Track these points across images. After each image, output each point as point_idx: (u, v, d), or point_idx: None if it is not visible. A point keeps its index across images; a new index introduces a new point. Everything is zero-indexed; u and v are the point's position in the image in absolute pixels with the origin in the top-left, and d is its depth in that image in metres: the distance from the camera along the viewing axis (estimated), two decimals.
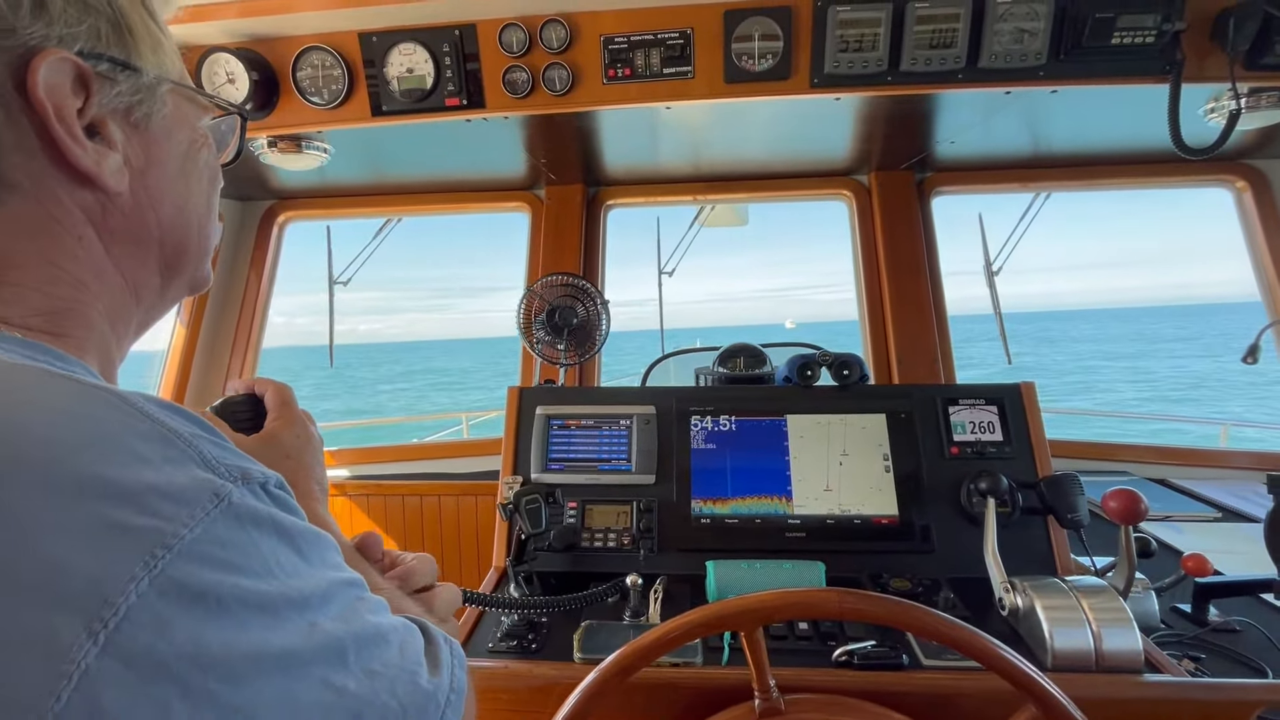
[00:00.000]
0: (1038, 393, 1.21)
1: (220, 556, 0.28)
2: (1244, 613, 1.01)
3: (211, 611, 0.27)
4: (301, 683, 0.29)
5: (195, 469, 0.30)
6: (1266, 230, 1.70)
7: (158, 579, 0.26)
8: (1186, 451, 1.83)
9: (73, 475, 0.26)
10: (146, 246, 0.42)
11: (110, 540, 0.26)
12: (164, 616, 0.26)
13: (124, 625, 0.24)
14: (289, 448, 0.61)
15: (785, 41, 1.19)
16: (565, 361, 1.37)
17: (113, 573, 0.25)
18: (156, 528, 0.27)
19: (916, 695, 0.81)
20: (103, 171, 0.37)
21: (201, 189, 0.46)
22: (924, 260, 1.84)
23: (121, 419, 0.29)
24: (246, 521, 0.30)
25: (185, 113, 0.44)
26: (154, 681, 0.25)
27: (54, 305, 0.38)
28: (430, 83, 1.26)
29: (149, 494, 0.27)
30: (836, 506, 1.14)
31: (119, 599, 0.25)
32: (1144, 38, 1.12)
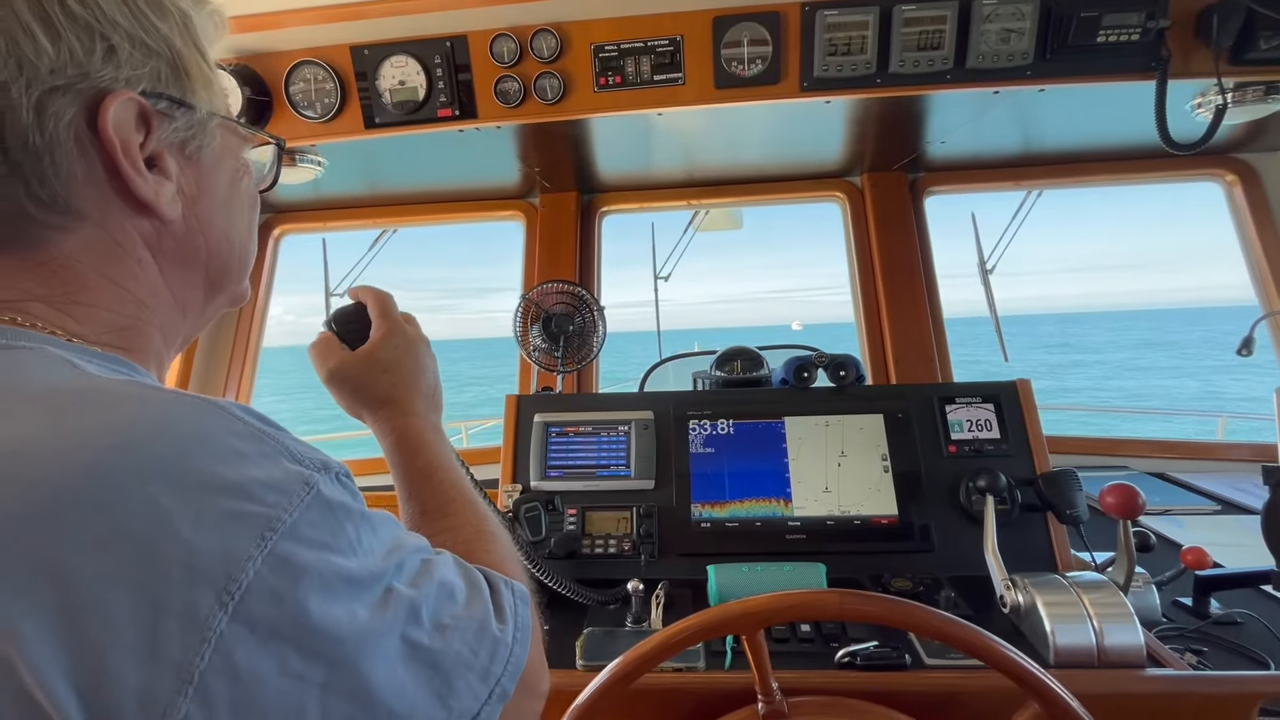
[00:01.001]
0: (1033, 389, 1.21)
1: (315, 536, 0.33)
2: (1245, 605, 1.02)
3: (313, 583, 0.32)
4: (386, 639, 0.34)
5: (286, 462, 0.34)
6: (1257, 223, 1.71)
7: (269, 557, 0.30)
8: (1184, 445, 1.83)
9: (195, 472, 0.30)
10: (195, 268, 0.46)
11: (230, 526, 0.30)
12: (276, 588, 0.30)
13: (246, 597, 0.29)
14: (387, 361, 0.63)
15: (774, 46, 1.20)
16: (562, 369, 1.37)
17: (234, 553, 0.30)
18: (264, 514, 0.31)
19: (920, 695, 0.81)
20: (160, 201, 0.41)
21: (244, 214, 0.50)
22: (918, 260, 1.85)
23: (221, 423, 0.33)
24: (334, 506, 0.35)
25: (230, 145, 0.47)
26: (273, 640, 0.30)
27: (121, 323, 0.42)
28: (422, 94, 1.26)
29: (254, 485, 0.32)
30: (836, 507, 1.14)
31: (241, 575, 0.29)
32: (1129, 35, 1.13)
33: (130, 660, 0.27)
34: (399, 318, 0.66)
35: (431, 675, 0.37)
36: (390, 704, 0.34)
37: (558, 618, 1.03)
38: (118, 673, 0.27)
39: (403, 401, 0.63)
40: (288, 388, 30.95)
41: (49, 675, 0.26)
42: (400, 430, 0.62)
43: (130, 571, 0.28)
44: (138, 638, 0.27)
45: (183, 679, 0.28)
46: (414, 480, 0.59)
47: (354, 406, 0.65)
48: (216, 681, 0.28)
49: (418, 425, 0.62)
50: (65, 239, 0.39)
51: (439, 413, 0.68)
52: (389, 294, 0.67)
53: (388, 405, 0.63)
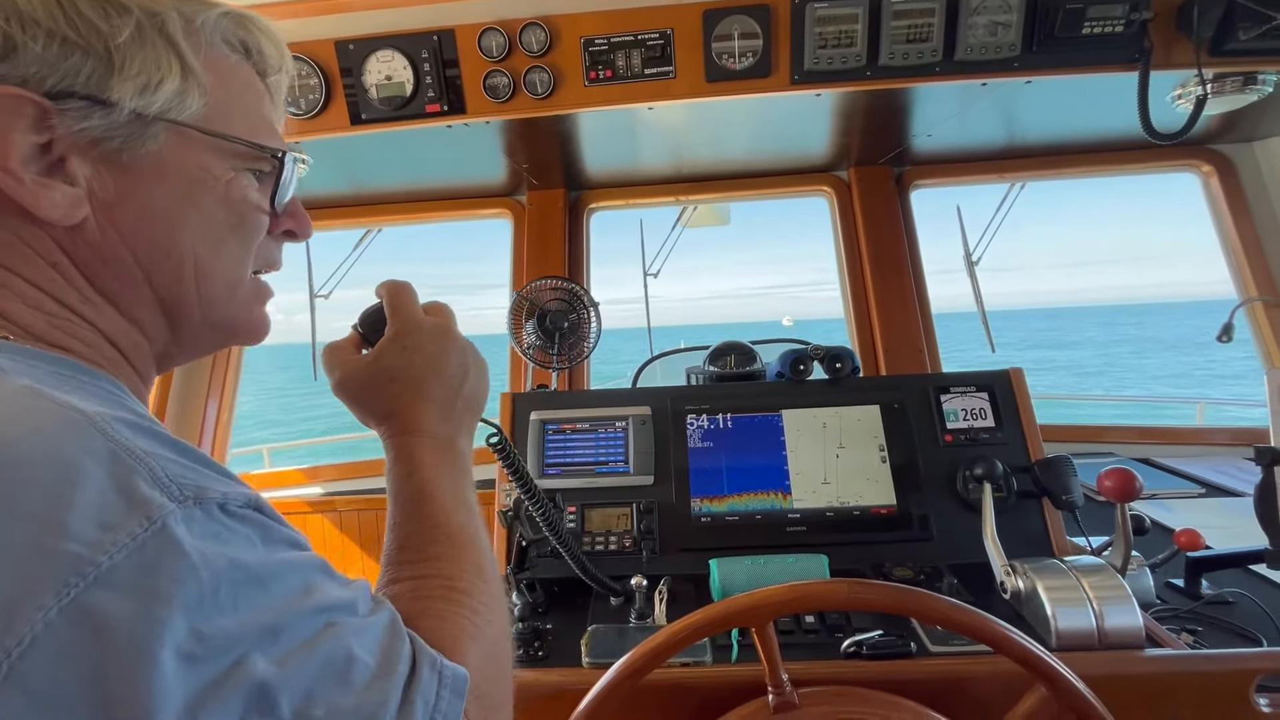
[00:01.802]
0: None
1: (141, 584, 0.26)
2: (1235, 584, 1.04)
3: (123, 645, 0.25)
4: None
5: (143, 487, 0.28)
6: (1233, 213, 1.75)
7: (68, 608, 0.25)
8: (1167, 430, 1.87)
9: (17, 493, 0.26)
10: (131, 284, 0.42)
11: (30, 564, 0.25)
12: (70, 648, 0.25)
13: (29, 653, 0.24)
14: (392, 368, 0.54)
15: (765, 39, 1.20)
16: (557, 365, 1.36)
17: (24, 598, 0.24)
18: (76, 554, 0.25)
19: (926, 682, 0.82)
20: (40, 204, 0.37)
21: (207, 233, 0.44)
22: (905, 253, 1.86)
23: (79, 439, 0.29)
24: (185, 547, 0.28)
25: (192, 153, 0.42)
26: (54, 714, 0.24)
27: (48, 322, 0.39)
28: (410, 89, 1.24)
29: (77, 517, 0.26)
30: (835, 499, 1.15)
31: (24, 627, 0.24)
32: (1113, 27, 1.14)
33: None
34: (413, 313, 0.56)
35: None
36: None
37: (560, 616, 1.02)
38: None
39: (405, 415, 0.54)
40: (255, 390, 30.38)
41: None
42: (397, 449, 0.53)
43: None
44: None
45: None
46: (400, 509, 0.51)
47: (362, 417, 0.57)
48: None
49: (418, 445, 0.53)
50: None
51: (470, 419, 0.58)
52: (406, 284, 0.58)
53: (390, 419, 0.54)
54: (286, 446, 7.86)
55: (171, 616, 0.26)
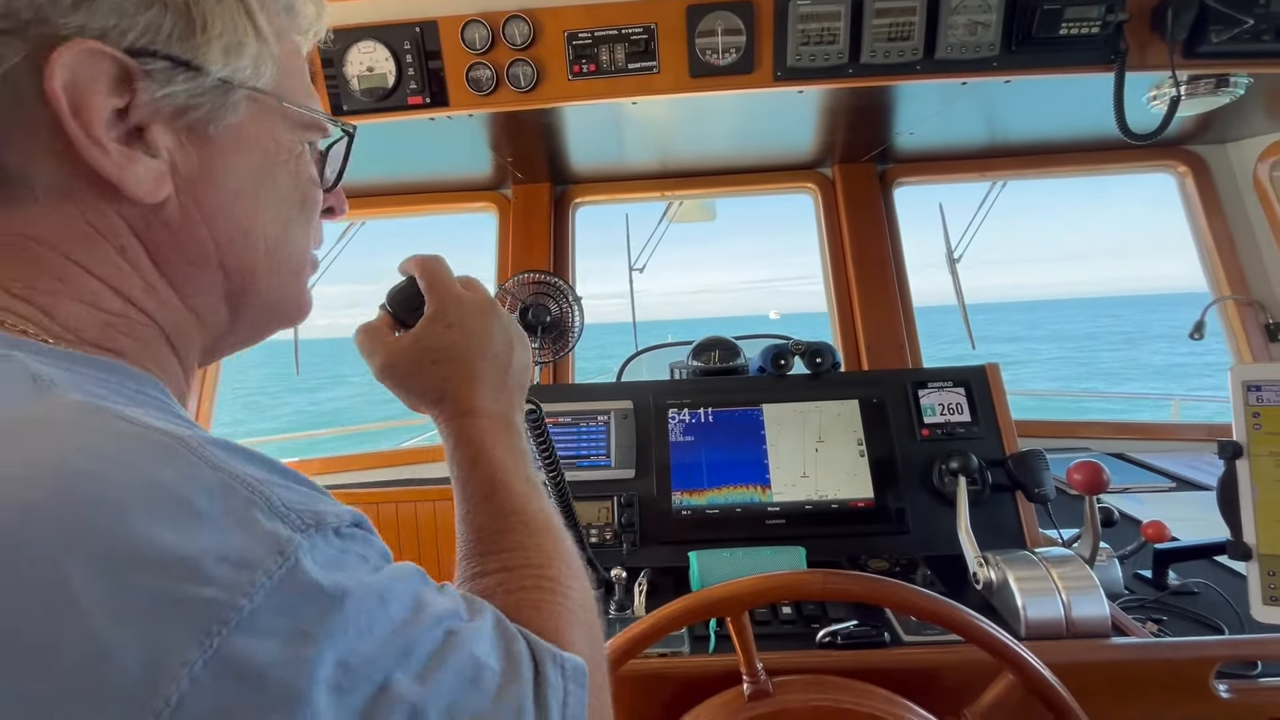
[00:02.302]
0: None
1: (285, 626, 0.24)
2: (1200, 575, 1.06)
3: (275, 693, 0.23)
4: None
5: (262, 519, 0.26)
6: (1207, 212, 1.78)
7: (214, 661, 0.22)
8: (1142, 426, 1.91)
9: (129, 541, 0.22)
10: (204, 267, 0.38)
11: (163, 618, 0.22)
12: (223, 704, 0.22)
13: (176, 716, 0.21)
14: (436, 348, 0.52)
15: (748, 35, 1.21)
16: (540, 360, 1.36)
17: (164, 657, 0.22)
18: (213, 600, 0.23)
19: (899, 670, 0.83)
20: (126, 178, 0.33)
21: (278, 210, 0.41)
22: (888, 250, 1.88)
23: (182, 468, 0.25)
24: (317, 581, 0.26)
25: (269, 125, 0.40)
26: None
27: (106, 320, 0.35)
28: (392, 81, 1.24)
29: (207, 559, 0.24)
30: (814, 492, 1.16)
31: (171, 688, 0.21)
32: (1090, 28, 1.16)
33: None
34: (452, 287, 0.54)
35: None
36: None
37: None
38: None
39: (458, 396, 0.52)
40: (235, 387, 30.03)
41: None
42: (456, 435, 0.51)
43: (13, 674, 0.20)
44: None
45: None
46: (470, 499, 0.48)
47: (412, 402, 0.54)
48: None
49: (477, 427, 0.51)
50: (15, 212, 0.32)
51: (519, 395, 0.56)
52: (440, 258, 0.55)
53: (442, 402, 0.52)
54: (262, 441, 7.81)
55: (320, 654, 0.25)
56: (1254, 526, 0.82)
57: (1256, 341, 1.73)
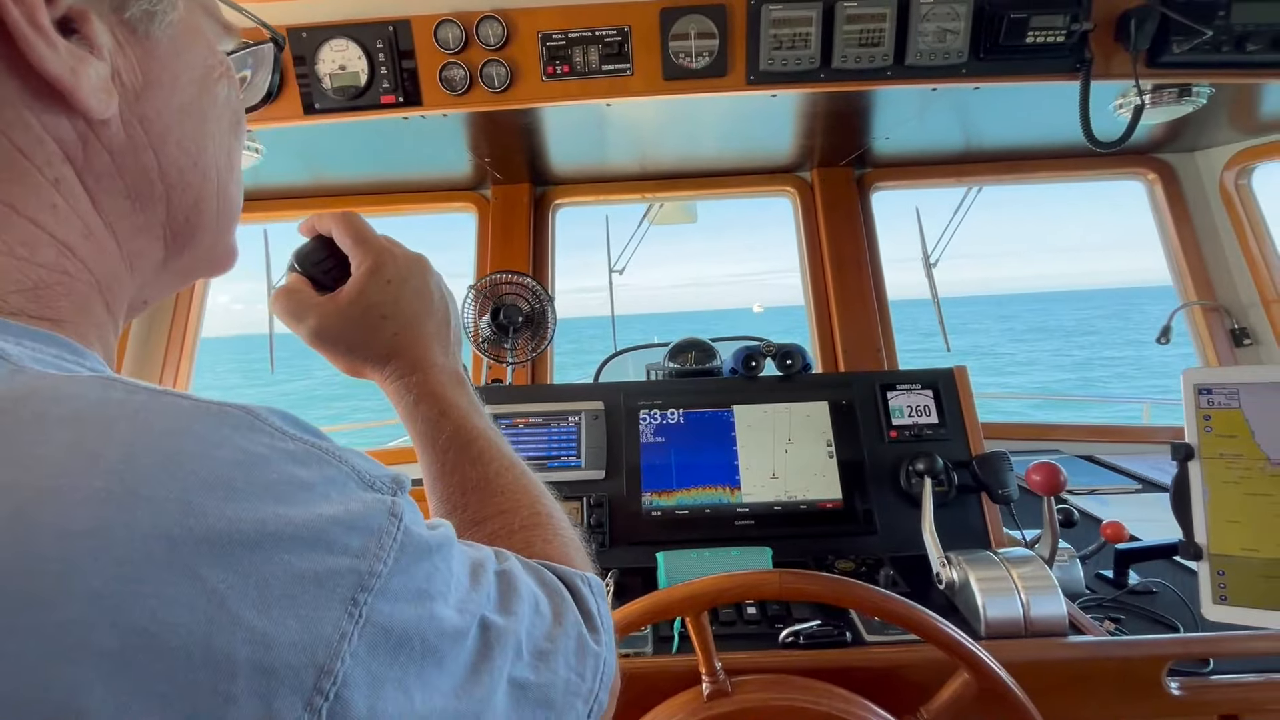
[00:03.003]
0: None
1: (412, 585, 0.25)
2: (1159, 574, 1.08)
3: (417, 650, 0.24)
4: (496, 693, 0.28)
5: (357, 489, 0.25)
6: (1175, 219, 1.82)
7: (365, 630, 0.22)
8: (1112, 429, 1.94)
9: (248, 522, 0.20)
10: (147, 202, 0.31)
11: (309, 596, 0.21)
12: (377, 671, 0.22)
13: (344, 692, 0.21)
14: (381, 303, 0.49)
15: (721, 39, 1.22)
16: (512, 360, 1.36)
17: (321, 634, 0.21)
18: (351, 568, 0.22)
19: (860, 670, 0.84)
20: (80, 83, 0.26)
21: (221, 133, 0.35)
22: (865, 254, 1.90)
23: (265, 440, 0.23)
24: (424, 538, 0.26)
25: (199, 27, 0.33)
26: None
27: (36, 277, 0.27)
28: (364, 80, 1.23)
29: (333, 529, 0.23)
30: (783, 493, 1.17)
31: (335, 664, 0.21)
32: (1055, 37, 1.18)
33: None
34: (381, 242, 0.51)
35: (547, 714, 0.31)
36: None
37: None
38: None
39: (411, 351, 0.50)
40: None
41: None
42: (417, 390, 0.49)
43: (173, 695, 0.18)
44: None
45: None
46: (445, 452, 0.47)
47: (352, 365, 0.51)
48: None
49: (437, 380, 0.49)
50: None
51: (458, 349, 0.54)
52: (354, 213, 0.52)
53: (394, 359, 0.50)
54: None
55: (439, 608, 0.26)
56: (1205, 527, 0.84)
57: (1222, 346, 1.76)
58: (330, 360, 0.52)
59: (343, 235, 0.51)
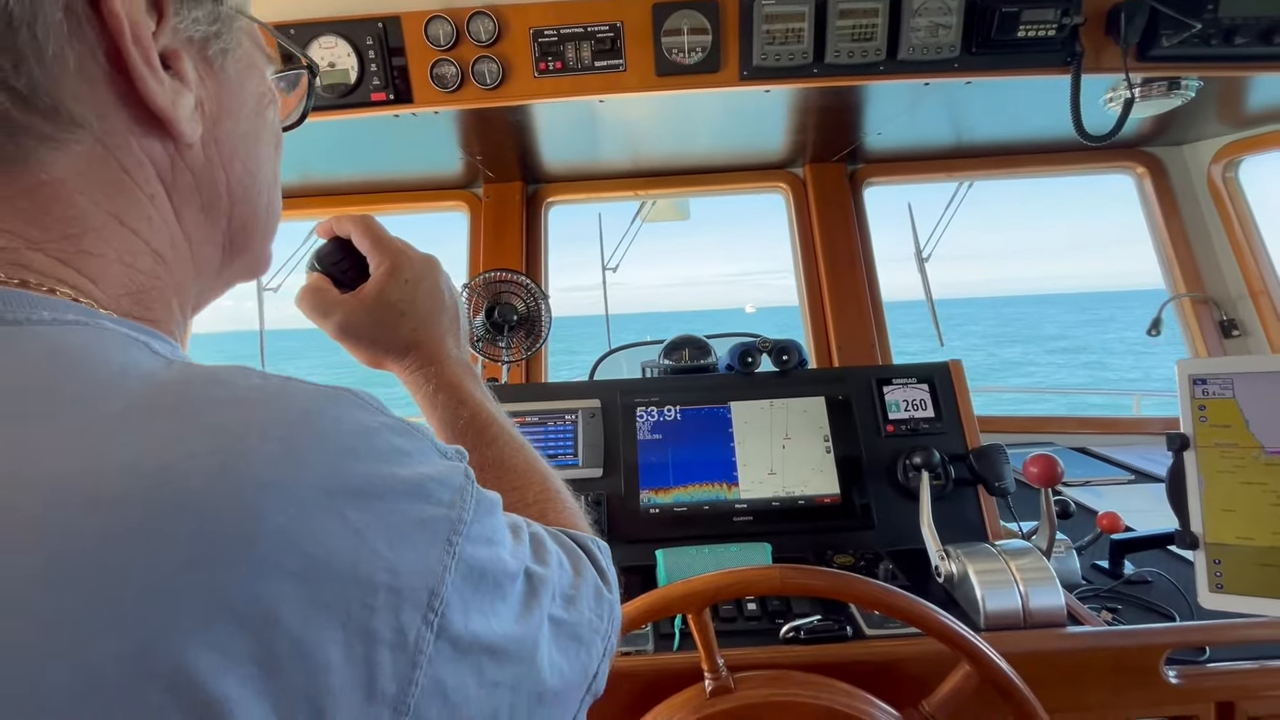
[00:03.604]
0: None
1: (484, 533, 0.30)
2: (1155, 564, 1.09)
3: (490, 585, 0.30)
4: (543, 625, 0.34)
5: (438, 456, 0.30)
6: (1164, 212, 1.83)
7: (458, 564, 0.28)
8: (1104, 420, 1.95)
9: (374, 477, 0.26)
10: (215, 216, 0.36)
11: (421, 535, 0.27)
12: (467, 597, 0.28)
13: (447, 612, 0.27)
14: (400, 301, 0.54)
15: (714, 35, 1.21)
16: (508, 359, 1.36)
17: (431, 565, 0.27)
18: (446, 516, 0.28)
19: (861, 663, 0.84)
20: (178, 112, 0.31)
21: (270, 153, 0.40)
22: (858, 249, 1.90)
23: (371, 417, 0.29)
24: (485, 497, 0.32)
25: (255, 59, 0.37)
26: (471, 652, 0.28)
27: (139, 282, 0.32)
28: (354, 77, 1.22)
29: (430, 484, 0.28)
30: (781, 489, 1.17)
31: (442, 588, 0.27)
32: (1046, 31, 1.19)
33: (348, 706, 0.23)
34: (397, 244, 0.56)
35: (576, 647, 0.37)
36: (552, 683, 0.34)
37: None
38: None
39: (429, 345, 0.55)
40: None
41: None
42: (435, 380, 0.55)
43: (336, 604, 0.23)
44: (352, 679, 0.23)
45: (399, 712, 0.25)
46: (463, 436, 0.52)
47: (374, 357, 0.57)
48: (429, 707, 0.26)
49: (452, 371, 0.55)
50: (56, 156, 0.28)
51: (467, 344, 0.62)
52: (371, 216, 0.57)
53: (412, 352, 0.56)
54: None
55: (504, 554, 0.32)
56: (1201, 516, 0.85)
57: (1211, 338, 1.78)
58: (352, 353, 0.57)
59: (361, 238, 0.56)
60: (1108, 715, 0.85)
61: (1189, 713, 0.85)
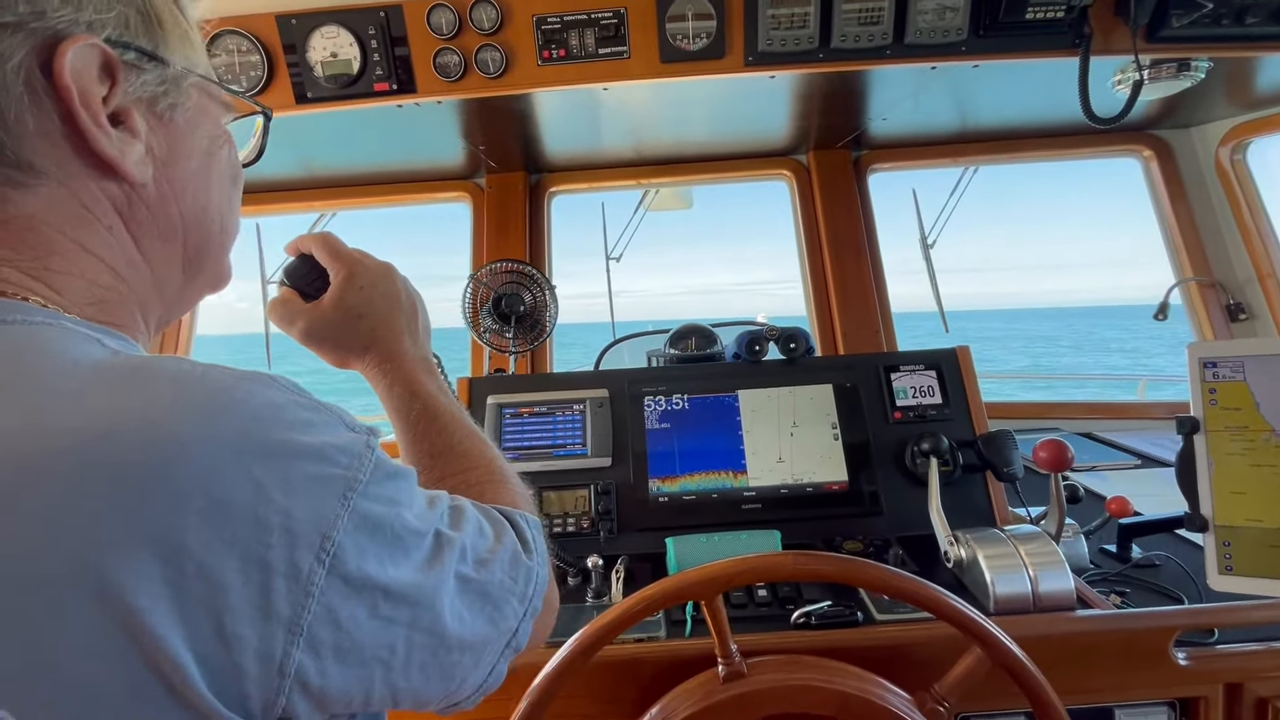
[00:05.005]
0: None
1: (382, 493, 0.36)
2: (1162, 548, 1.10)
3: (387, 535, 0.35)
4: (448, 577, 0.39)
5: (344, 430, 0.36)
6: (1171, 196, 1.82)
7: (352, 515, 0.33)
8: (1109, 406, 1.95)
9: (277, 442, 0.32)
10: (172, 241, 0.43)
11: (317, 489, 0.32)
12: (361, 543, 0.34)
13: (339, 553, 0.32)
14: (358, 306, 0.60)
15: (718, 20, 1.20)
16: (515, 349, 1.36)
17: (324, 514, 0.32)
18: (342, 475, 0.34)
19: (872, 648, 0.85)
20: (125, 160, 0.38)
21: (223, 187, 0.47)
22: (863, 236, 1.89)
23: (283, 394, 0.35)
24: (388, 465, 0.37)
25: (208, 108, 0.45)
26: (365, 589, 0.34)
27: (100, 295, 0.40)
28: (357, 67, 1.21)
29: (330, 450, 0.34)
30: (789, 476, 1.17)
31: (333, 533, 0.32)
32: (1055, 13, 1.17)
33: (245, 621, 0.29)
34: (353, 255, 0.62)
35: (484, 603, 0.42)
36: (456, 631, 0.39)
37: None
38: (235, 634, 0.29)
39: (385, 343, 0.61)
40: None
41: (170, 645, 0.27)
42: (391, 375, 0.61)
43: (236, 539, 0.29)
44: (249, 599, 0.29)
45: (293, 631, 0.31)
46: (416, 425, 0.59)
47: (339, 358, 0.63)
48: (321, 629, 0.32)
49: (407, 367, 0.61)
50: (25, 197, 0.36)
51: (427, 340, 0.66)
52: (329, 233, 0.64)
53: (371, 350, 0.62)
54: None
55: (404, 513, 0.37)
56: (1210, 499, 0.85)
57: (1218, 321, 1.77)
58: (320, 356, 0.63)
59: (320, 252, 0.62)
60: (1117, 697, 0.86)
61: (1197, 694, 0.85)
